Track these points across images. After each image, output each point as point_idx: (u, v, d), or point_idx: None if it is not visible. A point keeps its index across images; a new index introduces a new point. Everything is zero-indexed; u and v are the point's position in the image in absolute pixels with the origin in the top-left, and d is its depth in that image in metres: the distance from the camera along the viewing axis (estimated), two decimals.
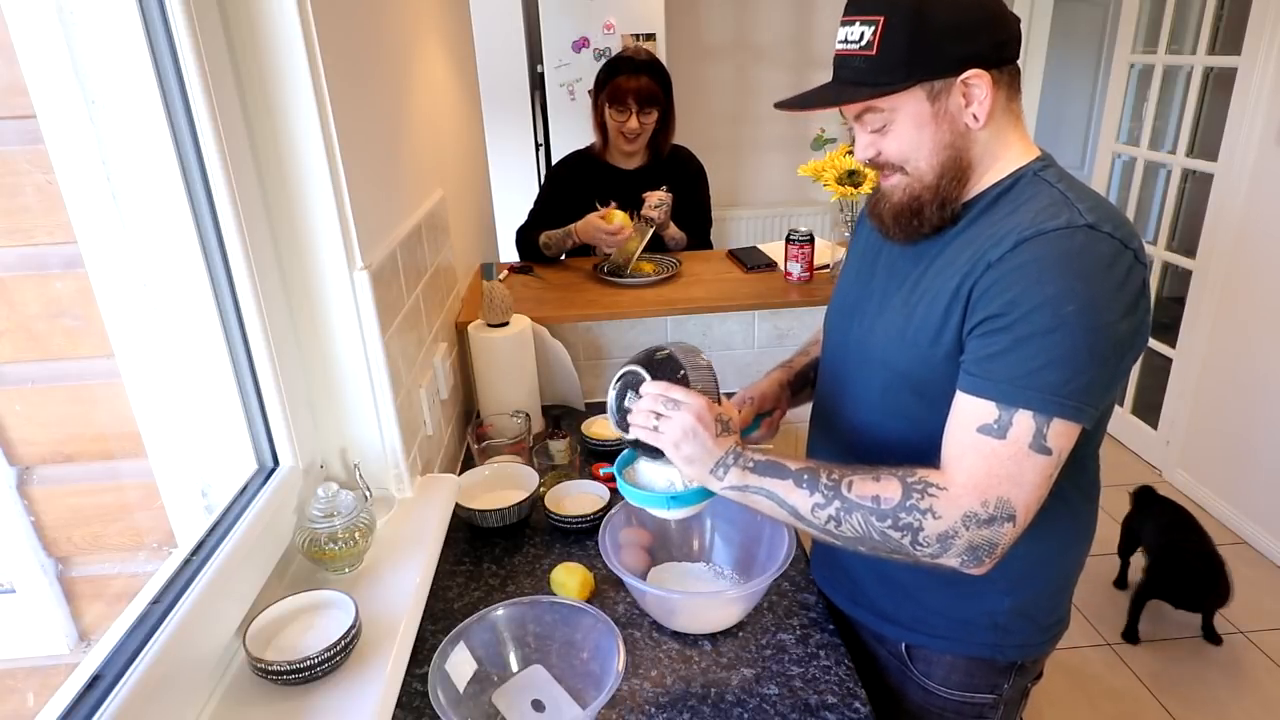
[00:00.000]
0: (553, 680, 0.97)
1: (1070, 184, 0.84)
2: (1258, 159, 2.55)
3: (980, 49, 0.82)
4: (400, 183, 1.33)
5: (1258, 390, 2.59)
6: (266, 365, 0.95)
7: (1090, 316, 0.76)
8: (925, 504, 0.79)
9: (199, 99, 0.82)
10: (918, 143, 0.85)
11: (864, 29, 0.83)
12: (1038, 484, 0.78)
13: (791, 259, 1.85)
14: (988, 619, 0.97)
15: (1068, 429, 0.77)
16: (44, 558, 0.90)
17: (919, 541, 0.80)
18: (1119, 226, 0.78)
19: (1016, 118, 0.88)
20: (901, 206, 0.89)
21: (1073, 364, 0.76)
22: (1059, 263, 0.77)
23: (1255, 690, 2.08)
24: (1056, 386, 0.76)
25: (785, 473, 0.85)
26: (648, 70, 2.05)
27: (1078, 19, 4.40)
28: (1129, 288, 0.77)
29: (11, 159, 0.80)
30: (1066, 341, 0.76)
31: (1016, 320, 0.78)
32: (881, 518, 0.81)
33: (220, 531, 0.88)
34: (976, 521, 0.78)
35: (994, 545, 0.79)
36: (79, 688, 0.66)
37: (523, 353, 1.61)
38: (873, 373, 0.96)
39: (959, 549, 0.79)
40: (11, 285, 0.83)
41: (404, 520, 1.15)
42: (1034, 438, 0.77)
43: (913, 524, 0.80)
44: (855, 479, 0.83)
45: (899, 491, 0.81)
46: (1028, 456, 0.77)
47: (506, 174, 3.54)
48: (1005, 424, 0.78)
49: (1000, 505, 0.78)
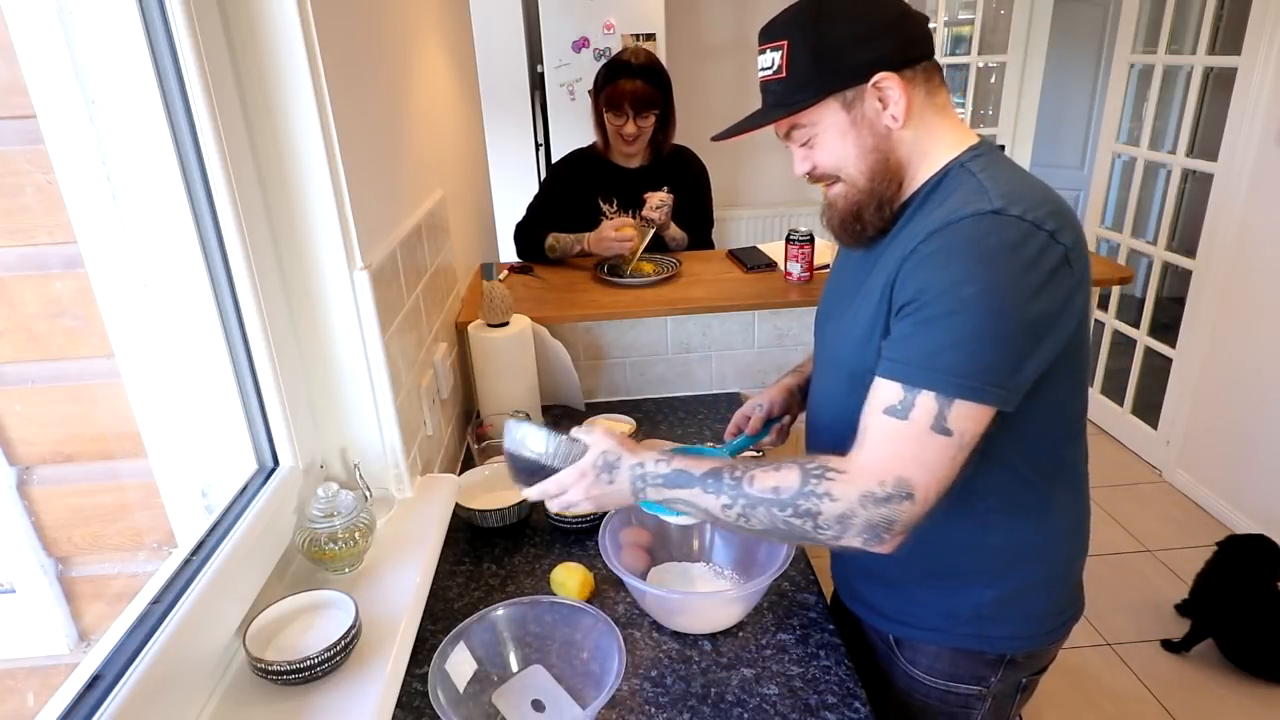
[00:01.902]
0: (553, 680, 0.97)
1: (994, 172, 0.84)
2: (1258, 159, 2.55)
3: (883, 53, 0.85)
4: (400, 183, 1.33)
5: (1258, 390, 2.59)
6: (266, 365, 0.95)
7: (992, 299, 0.77)
8: (822, 488, 0.81)
9: (199, 99, 0.82)
10: (844, 151, 0.89)
11: (773, 55, 0.89)
12: (939, 464, 0.79)
13: (791, 259, 1.85)
14: (972, 610, 0.97)
15: (971, 410, 0.78)
16: (44, 558, 0.90)
17: (820, 525, 0.81)
18: (1033, 208, 0.79)
19: (942, 110, 0.89)
20: (844, 214, 0.93)
21: (973, 346, 0.77)
22: (961, 248, 0.79)
23: (1256, 690, 2.08)
24: (957, 368, 0.77)
25: (691, 480, 0.87)
26: (644, 74, 2.04)
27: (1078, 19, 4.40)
28: (1040, 268, 0.77)
29: (11, 159, 0.80)
30: (967, 324, 0.77)
31: (922, 305, 0.80)
32: (782, 507, 0.82)
33: (220, 531, 0.88)
34: (873, 500, 0.79)
35: (892, 522, 0.79)
36: (79, 688, 0.66)
37: (523, 353, 1.61)
38: (837, 374, 0.99)
39: (858, 528, 0.80)
40: (11, 285, 0.83)
41: (404, 520, 1.15)
42: (935, 419, 0.78)
43: (811, 509, 0.81)
44: (756, 473, 0.85)
45: (797, 479, 0.83)
46: (929, 437, 0.78)
47: (506, 174, 3.54)
48: (908, 405, 0.79)
49: (898, 484, 0.79)
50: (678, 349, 1.82)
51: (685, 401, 1.82)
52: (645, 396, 1.85)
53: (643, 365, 1.83)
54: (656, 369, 1.83)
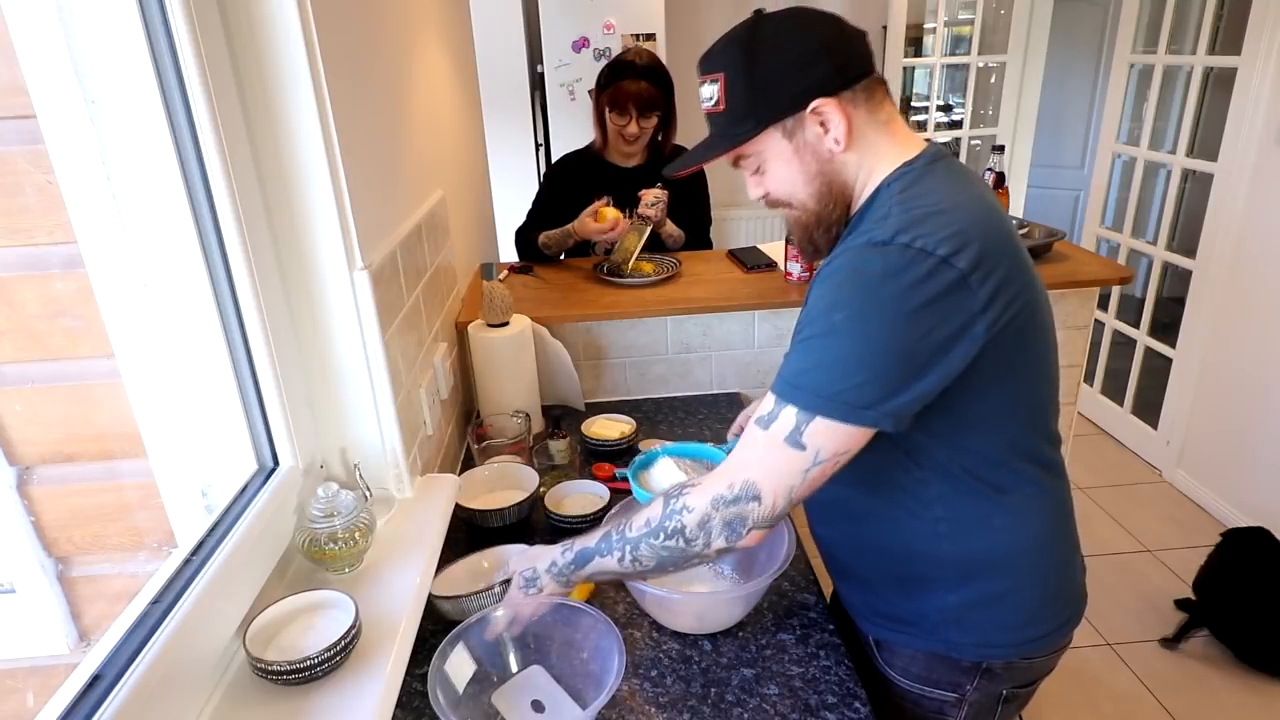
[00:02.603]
0: (553, 681, 0.97)
1: (911, 193, 0.84)
2: (1258, 159, 2.55)
3: (817, 79, 0.85)
4: (400, 183, 1.33)
5: (1258, 390, 2.59)
6: (266, 365, 0.95)
7: (860, 324, 0.79)
8: (679, 504, 0.87)
9: (199, 99, 0.82)
10: (791, 178, 0.91)
11: (711, 88, 0.90)
12: (785, 473, 0.82)
13: (791, 259, 1.85)
14: (938, 614, 0.97)
15: (830, 428, 0.80)
16: (44, 558, 0.90)
17: (688, 539, 0.86)
18: (928, 234, 0.78)
19: (885, 125, 0.89)
20: (799, 237, 0.97)
21: (839, 368, 0.79)
22: (840, 276, 0.82)
23: (1256, 691, 2.08)
24: (819, 387, 0.80)
25: (589, 553, 0.94)
26: (649, 75, 2.04)
27: (1078, 19, 4.40)
28: (920, 294, 0.77)
29: (11, 159, 0.80)
30: (833, 347, 0.80)
31: (802, 327, 0.85)
32: (655, 535, 0.88)
33: (220, 531, 0.88)
34: (724, 502, 0.84)
35: (744, 519, 0.84)
36: (79, 688, 0.66)
37: (523, 353, 1.61)
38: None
39: (717, 529, 0.85)
40: (11, 285, 0.83)
41: (404, 520, 1.15)
42: (790, 432, 0.81)
43: (676, 527, 0.87)
44: (633, 518, 0.91)
45: (660, 507, 0.89)
46: (780, 447, 0.81)
47: (506, 174, 3.54)
48: (773, 417, 0.82)
49: (745, 486, 0.83)
50: (678, 349, 1.82)
51: (685, 401, 1.82)
52: (645, 396, 1.85)
53: (643, 365, 1.83)
54: (656, 369, 1.83)
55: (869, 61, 0.88)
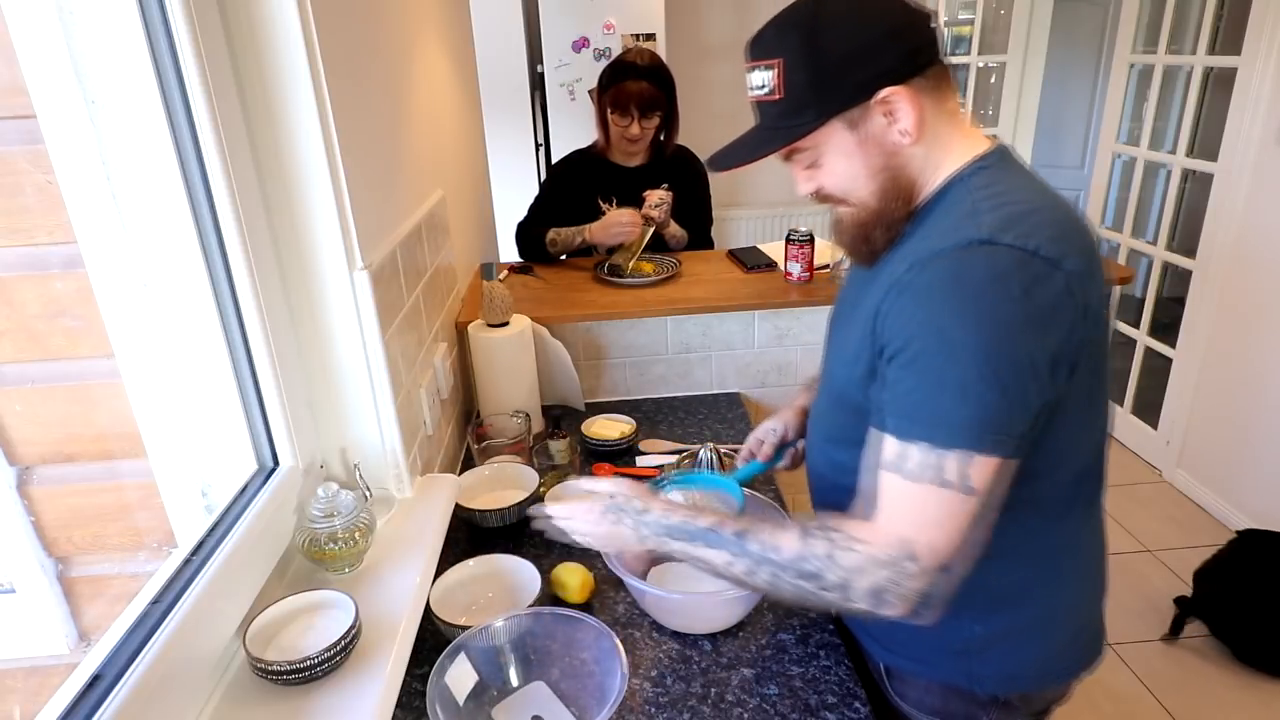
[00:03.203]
0: (554, 697, 0.96)
1: (995, 188, 0.78)
2: (1258, 159, 2.55)
3: (887, 66, 0.78)
4: (400, 183, 1.33)
5: (1258, 390, 2.59)
6: (266, 365, 0.95)
7: (981, 339, 0.71)
8: (822, 549, 0.77)
9: (199, 99, 0.82)
10: (851, 173, 0.83)
11: (764, 75, 0.81)
12: (938, 520, 0.73)
13: (791, 259, 1.85)
14: (960, 644, 0.91)
15: (971, 461, 0.72)
16: (44, 558, 0.90)
17: (823, 587, 0.77)
18: (1030, 233, 0.72)
19: (952, 116, 0.83)
20: (853, 235, 0.87)
21: (970, 394, 0.71)
22: (947, 285, 0.73)
23: (1256, 691, 2.08)
24: (952, 418, 0.72)
25: (694, 534, 0.86)
26: (650, 76, 2.05)
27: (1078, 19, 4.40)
28: (1037, 300, 0.71)
29: (11, 159, 0.80)
30: (958, 371, 0.71)
31: (909, 350, 0.75)
32: (784, 569, 0.79)
33: (220, 531, 0.88)
34: (874, 563, 0.74)
35: (898, 584, 0.74)
36: (79, 688, 0.66)
37: (523, 353, 1.61)
38: (829, 389, 0.97)
39: (861, 592, 0.75)
40: (11, 285, 0.83)
41: (404, 520, 1.15)
42: (932, 472, 0.72)
43: (813, 571, 0.77)
44: (758, 530, 0.82)
45: (796, 540, 0.79)
46: (926, 493, 0.73)
47: (506, 174, 3.53)
48: (905, 459, 0.74)
49: (900, 545, 0.74)
50: (678, 349, 1.82)
51: (685, 401, 1.82)
52: (645, 396, 1.85)
53: (643, 365, 1.83)
54: (656, 369, 1.83)
55: (937, 48, 0.81)
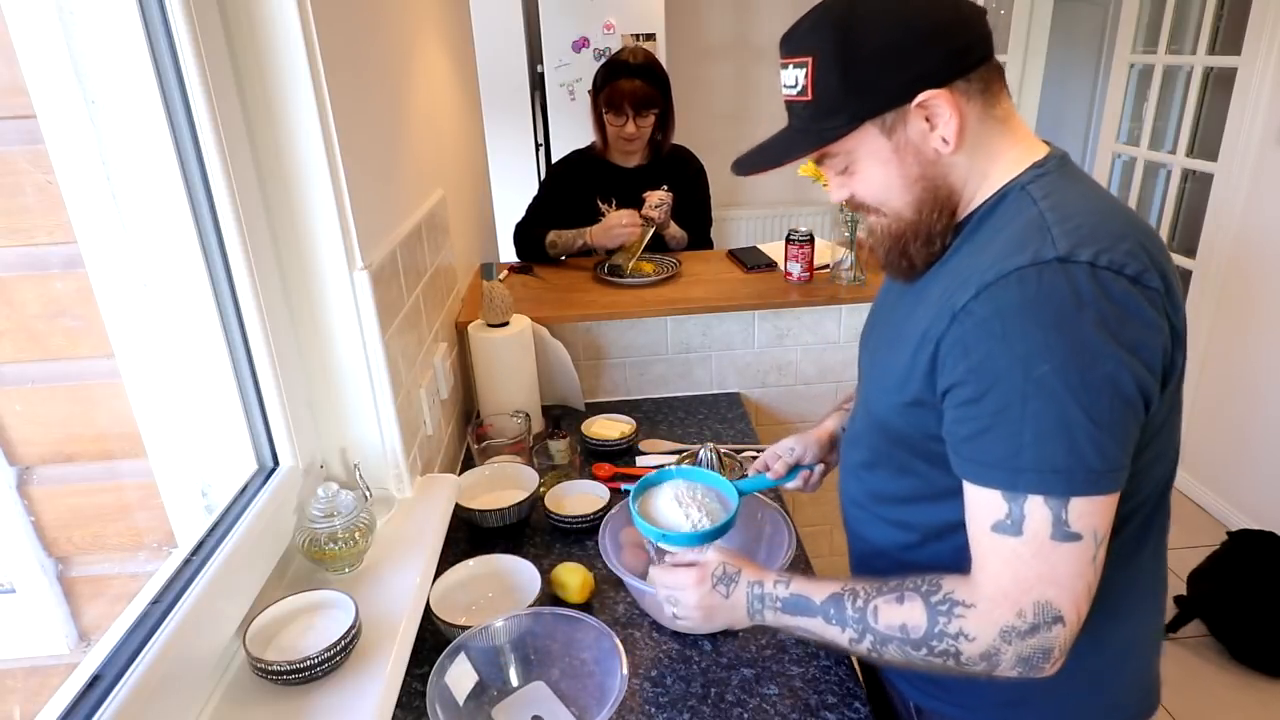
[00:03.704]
0: (554, 696, 0.96)
1: (1057, 198, 0.72)
2: (1258, 159, 2.55)
3: (928, 67, 0.71)
4: (400, 183, 1.33)
5: (1257, 390, 2.59)
6: (266, 365, 0.95)
7: (1073, 373, 0.65)
8: (954, 627, 0.71)
9: (199, 99, 0.82)
10: (886, 182, 0.77)
11: (796, 73, 0.75)
12: (1075, 574, 0.67)
13: (791, 259, 1.85)
14: (1009, 695, 0.84)
15: (1091, 504, 0.66)
16: (44, 558, 0.90)
17: (963, 664, 0.72)
18: (1109, 248, 0.66)
19: (1003, 122, 0.76)
20: (888, 247, 0.81)
21: (1068, 432, 0.65)
22: (1023, 313, 0.66)
23: (1256, 691, 2.08)
24: (1056, 462, 0.66)
25: (813, 609, 0.80)
26: (643, 74, 2.04)
27: (1078, 19, 4.40)
28: (1125, 321, 0.65)
29: (11, 159, 0.80)
30: (1053, 409, 0.65)
31: (989, 391, 0.68)
32: (916, 647, 0.74)
33: (220, 531, 0.88)
34: (1017, 634, 0.69)
35: (1048, 651, 0.69)
36: (79, 688, 0.66)
37: (523, 353, 1.61)
38: (868, 416, 0.89)
39: (1009, 663, 0.70)
40: (11, 285, 0.83)
41: (404, 520, 1.15)
42: (1054, 526, 0.66)
43: (949, 650, 0.72)
44: (880, 604, 0.76)
45: (924, 617, 0.73)
46: (1054, 549, 0.67)
47: (506, 174, 3.54)
48: (1018, 516, 0.68)
49: (1039, 610, 0.68)
50: (678, 349, 1.82)
51: (685, 401, 1.82)
52: (645, 396, 1.85)
53: (643, 365, 1.83)
54: (656, 369, 1.83)
55: (988, 45, 0.74)
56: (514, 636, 0.98)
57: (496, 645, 0.97)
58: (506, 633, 0.98)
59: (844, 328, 1.81)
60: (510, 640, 0.98)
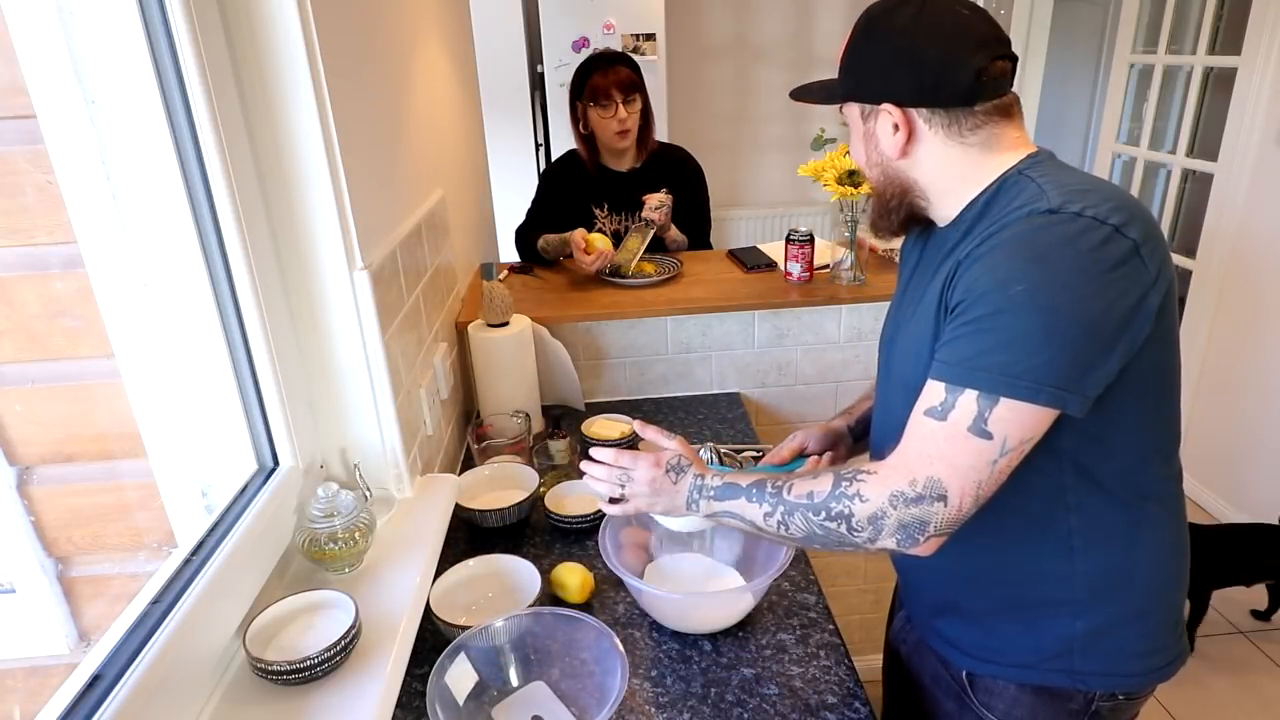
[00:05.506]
0: (554, 697, 0.96)
1: (1054, 176, 0.81)
2: (1258, 159, 2.55)
3: (898, 87, 0.85)
4: (400, 183, 1.33)
5: (1258, 390, 2.59)
6: (266, 365, 0.95)
7: (1043, 295, 0.73)
8: (853, 489, 0.81)
9: (199, 99, 0.82)
10: (859, 154, 0.94)
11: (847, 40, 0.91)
12: (976, 467, 0.76)
13: (791, 259, 1.85)
14: (1061, 644, 0.90)
15: (1018, 411, 0.74)
16: (44, 558, 0.90)
17: (853, 528, 0.81)
18: (1096, 205, 0.75)
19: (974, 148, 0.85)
20: (871, 208, 0.97)
21: (1023, 345, 0.74)
22: (1012, 247, 0.76)
23: (1256, 691, 2.08)
24: (1004, 367, 0.74)
25: (739, 490, 0.89)
26: (619, 60, 2.07)
27: (1078, 19, 4.40)
28: (1100, 262, 0.73)
29: (11, 159, 0.80)
30: (1016, 322, 0.74)
31: (970, 305, 0.77)
32: (816, 511, 0.83)
33: (220, 531, 0.88)
34: (903, 500, 0.78)
35: (924, 524, 0.77)
36: (79, 688, 0.66)
37: (523, 353, 1.61)
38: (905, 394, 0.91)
39: (890, 529, 0.79)
40: (11, 285, 0.83)
41: (404, 520, 1.15)
42: (974, 420, 0.75)
43: (843, 511, 0.81)
44: (795, 482, 0.86)
45: (830, 484, 0.83)
46: (964, 438, 0.76)
47: (506, 174, 3.54)
48: (949, 406, 0.77)
49: (929, 484, 0.77)
50: (678, 349, 1.82)
51: (685, 401, 1.82)
52: (645, 396, 1.85)
53: (643, 365, 1.83)
54: (656, 369, 1.83)
55: (970, 95, 0.83)
56: (514, 636, 0.98)
57: (496, 645, 0.97)
58: (506, 633, 0.98)
59: (844, 328, 1.81)
60: (510, 640, 0.98)
